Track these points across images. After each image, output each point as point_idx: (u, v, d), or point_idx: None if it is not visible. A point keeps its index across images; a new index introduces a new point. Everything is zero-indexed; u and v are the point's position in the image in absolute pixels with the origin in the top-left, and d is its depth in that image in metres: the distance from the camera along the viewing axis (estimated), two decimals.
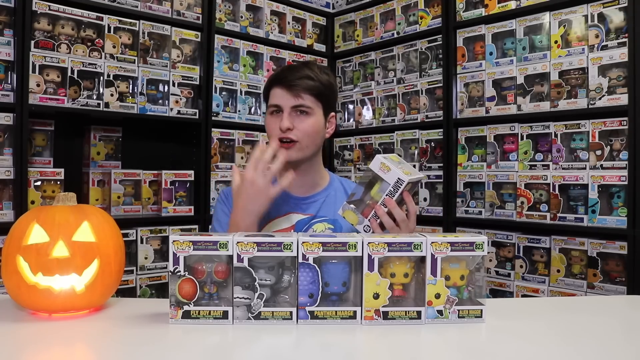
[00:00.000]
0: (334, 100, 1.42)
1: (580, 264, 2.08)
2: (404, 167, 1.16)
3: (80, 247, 1.02)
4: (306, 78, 1.33)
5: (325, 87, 1.35)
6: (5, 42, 1.87)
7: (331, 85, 1.39)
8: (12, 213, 1.87)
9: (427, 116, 2.59)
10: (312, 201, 1.40)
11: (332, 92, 1.40)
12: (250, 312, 0.96)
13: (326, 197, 1.40)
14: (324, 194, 1.41)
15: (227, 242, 0.96)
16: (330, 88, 1.38)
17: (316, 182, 1.42)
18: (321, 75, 1.36)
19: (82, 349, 0.90)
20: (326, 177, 1.45)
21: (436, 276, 0.98)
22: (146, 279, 2.22)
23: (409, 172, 1.14)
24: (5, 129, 1.88)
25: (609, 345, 0.91)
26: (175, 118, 2.31)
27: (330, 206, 1.39)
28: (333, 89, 1.40)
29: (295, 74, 1.33)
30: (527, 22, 2.25)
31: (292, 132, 1.30)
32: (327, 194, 1.41)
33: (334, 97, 1.42)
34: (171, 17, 2.32)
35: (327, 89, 1.36)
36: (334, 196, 1.40)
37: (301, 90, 1.31)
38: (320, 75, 1.35)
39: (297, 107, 1.32)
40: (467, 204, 2.43)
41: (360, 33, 2.94)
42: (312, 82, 1.33)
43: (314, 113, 1.34)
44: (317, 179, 1.42)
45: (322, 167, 1.45)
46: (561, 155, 2.13)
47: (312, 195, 1.40)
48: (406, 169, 1.15)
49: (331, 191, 1.41)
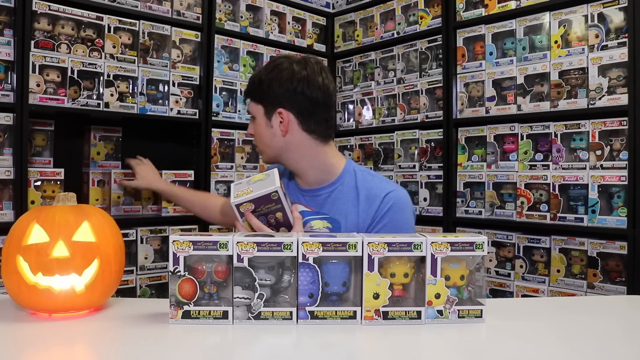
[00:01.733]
0: (274, 96, 1.30)
1: (580, 264, 2.08)
2: (253, 185, 1.18)
3: (80, 247, 1.02)
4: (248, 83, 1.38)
5: (255, 86, 1.33)
6: (5, 42, 1.87)
7: (262, 83, 1.31)
8: (12, 213, 1.87)
9: (427, 116, 2.59)
10: (315, 195, 1.36)
11: (268, 88, 1.30)
12: (250, 312, 0.96)
13: (331, 193, 1.34)
14: (328, 189, 1.34)
15: (227, 242, 0.96)
16: (262, 85, 1.31)
17: (319, 178, 1.35)
18: (259, 74, 1.34)
19: (82, 349, 0.90)
20: (334, 172, 1.35)
21: (436, 276, 0.98)
22: (146, 279, 2.22)
23: (250, 191, 1.16)
24: (5, 129, 1.88)
25: (609, 345, 0.91)
26: (175, 118, 2.31)
27: (336, 203, 1.33)
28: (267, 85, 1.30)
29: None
30: (527, 22, 2.25)
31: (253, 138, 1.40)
32: (332, 189, 1.34)
33: (273, 92, 1.30)
34: (171, 17, 2.32)
35: (258, 87, 1.32)
36: (340, 192, 1.33)
37: (245, 96, 1.42)
38: (257, 75, 1.34)
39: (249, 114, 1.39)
40: (467, 204, 2.43)
41: (360, 33, 2.94)
42: (248, 86, 1.36)
43: (256, 115, 1.35)
44: (319, 174, 1.35)
45: (328, 163, 1.35)
46: (561, 155, 2.13)
47: (315, 189, 1.36)
48: (250, 188, 1.17)
49: (338, 186, 1.34)
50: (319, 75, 1.30)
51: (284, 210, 1.18)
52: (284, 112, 1.30)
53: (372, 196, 1.30)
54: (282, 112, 1.30)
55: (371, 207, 1.29)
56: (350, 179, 1.34)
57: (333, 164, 1.36)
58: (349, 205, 1.31)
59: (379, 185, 1.32)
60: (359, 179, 1.34)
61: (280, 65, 1.30)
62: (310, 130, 1.31)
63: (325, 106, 1.32)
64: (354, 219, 1.30)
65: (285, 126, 1.30)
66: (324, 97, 1.31)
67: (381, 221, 1.28)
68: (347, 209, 1.31)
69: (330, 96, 1.33)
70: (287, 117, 1.30)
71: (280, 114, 1.30)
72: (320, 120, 1.32)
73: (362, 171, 1.37)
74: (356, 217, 1.30)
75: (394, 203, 1.29)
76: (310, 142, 1.32)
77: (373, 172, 1.40)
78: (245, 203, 1.15)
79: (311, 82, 1.29)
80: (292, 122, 1.30)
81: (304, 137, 1.32)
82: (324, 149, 1.35)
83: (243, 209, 1.16)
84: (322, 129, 1.33)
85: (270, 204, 1.16)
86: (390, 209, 1.28)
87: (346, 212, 1.31)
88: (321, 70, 1.32)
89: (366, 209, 1.30)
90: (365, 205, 1.30)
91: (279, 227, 1.21)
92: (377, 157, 2.79)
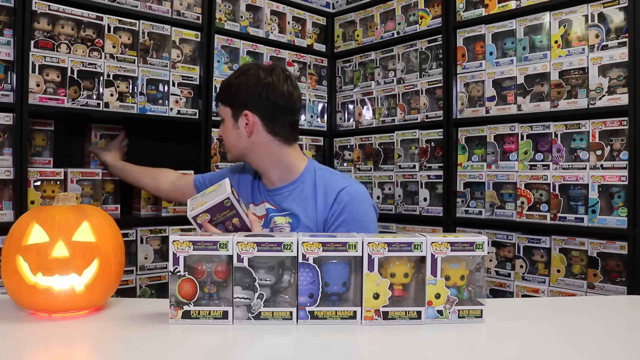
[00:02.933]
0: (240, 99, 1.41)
1: (580, 264, 2.08)
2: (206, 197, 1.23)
3: (80, 247, 1.02)
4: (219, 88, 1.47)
5: (225, 90, 1.44)
6: (5, 42, 1.87)
7: (230, 87, 1.42)
8: (12, 213, 1.87)
9: (427, 116, 2.59)
10: (278, 194, 1.45)
11: (235, 92, 1.41)
12: (250, 312, 0.96)
13: (292, 191, 1.44)
14: (290, 187, 1.44)
15: (227, 242, 0.96)
16: (230, 89, 1.42)
17: (281, 177, 1.46)
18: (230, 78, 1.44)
19: (82, 349, 0.90)
20: (296, 171, 1.46)
21: (436, 276, 0.98)
22: (146, 279, 2.22)
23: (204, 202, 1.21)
24: (5, 129, 1.88)
25: (609, 345, 0.91)
26: (175, 118, 2.31)
27: (296, 200, 1.42)
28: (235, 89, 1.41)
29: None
30: (527, 22, 2.25)
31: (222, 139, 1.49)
32: (294, 187, 1.44)
33: (239, 95, 1.41)
34: (171, 17, 2.31)
35: (227, 91, 1.43)
36: (300, 189, 1.43)
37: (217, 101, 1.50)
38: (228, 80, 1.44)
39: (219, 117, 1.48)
40: (467, 204, 2.43)
41: (360, 33, 2.94)
42: (219, 90, 1.46)
43: (225, 119, 1.46)
44: (281, 173, 1.45)
45: (291, 162, 1.46)
46: (561, 155, 2.13)
47: (278, 188, 1.46)
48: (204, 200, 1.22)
49: (299, 184, 1.44)
50: (285, 83, 1.42)
51: (239, 215, 1.22)
52: (250, 114, 1.41)
53: (329, 191, 1.40)
54: (247, 114, 1.41)
55: (327, 201, 1.38)
56: (310, 177, 1.44)
57: (295, 164, 1.46)
58: (308, 200, 1.41)
59: (336, 180, 1.42)
60: (318, 176, 1.44)
61: (248, 71, 1.42)
62: (274, 132, 1.42)
63: (288, 111, 1.43)
64: (312, 213, 1.39)
65: (250, 127, 1.41)
66: (288, 103, 1.42)
67: (340, 215, 1.37)
68: (307, 204, 1.41)
69: (294, 102, 1.44)
70: (252, 119, 1.41)
71: (246, 116, 1.41)
72: (284, 124, 1.43)
73: (321, 169, 1.48)
74: (314, 211, 1.39)
75: (350, 197, 1.38)
76: (274, 144, 1.43)
77: (332, 169, 1.51)
78: (201, 214, 1.20)
79: (276, 89, 1.40)
80: (257, 124, 1.41)
81: (269, 138, 1.42)
82: (287, 150, 1.45)
83: (200, 220, 1.21)
84: (285, 132, 1.44)
85: (225, 212, 1.20)
86: (348, 203, 1.37)
87: (305, 207, 1.40)
88: (287, 78, 1.43)
89: (323, 203, 1.39)
90: (322, 199, 1.39)
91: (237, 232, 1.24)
92: (377, 157, 2.79)
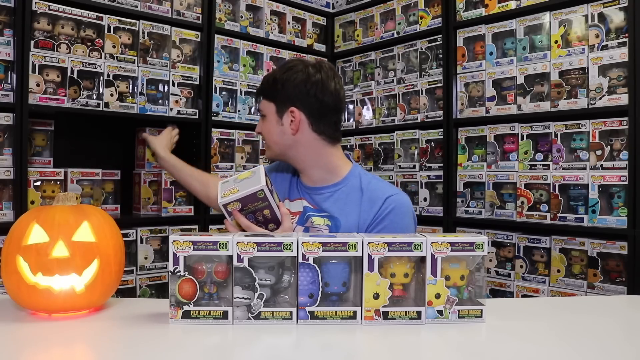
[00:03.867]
0: (286, 95, 1.36)
1: (580, 264, 2.08)
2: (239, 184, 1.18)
3: (80, 247, 1.02)
4: (262, 81, 1.42)
5: (270, 85, 1.39)
6: (5, 42, 1.87)
7: (276, 82, 1.37)
8: (12, 213, 1.87)
9: (427, 116, 2.59)
10: (319, 193, 1.40)
11: (282, 88, 1.36)
12: (250, 312, 0.96)
13: (334, 193, 1.38)
14: (332, 189, 1.38)
15: (227, 242, 0.96)
16: (275, 85, 1.37)
17: (323, 177, 1.40)
18: (273, 74, 1.40)
19: (82, 349, 0.90)
20: (341, 173, 1.40)
21: (436, 276, 0.98)
22: (146, 279, 2.22)
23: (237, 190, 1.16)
24: (5, 129, 1.88)
25: (609, 345, 0.91)
26: (175, 118, 2.31)
27: (337, 202, 1.36)
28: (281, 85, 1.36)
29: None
30: (527, 22, 2.25)
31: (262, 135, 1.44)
32: (336, 189, 1.38)
33: (286, 92, 1.36)
34: (171, 17, 2.32)
35: (272, 86, 1.38)
36: (344, 192, 1.37)
37: (257, 95, 1.43)
38: (272, 75, 1.40)
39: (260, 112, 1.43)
40: (467, 204, 2.43)
41: (360, 33, 2.94)
42: (262, 85, 1.41)
43: (267, 114, 1.40)
44: (323, 173, 1.40)
45: (334, 164, 1.40)
46: (561, 155, 2.13)
47: (319, 188, 1.40)
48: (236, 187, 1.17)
49: (342, 187, 1.38)
50: (332, 81, 1.37)
51: (271, 207, 1.19)
52: (296, 111, 1.35)
53: (375, 198, 1.34)
54: (294, 111, 1.35)
55: (372, 208, 1.33)
56: (355, 181, 1.39)
57: (339, 166, 1.41)
58: (352, 205, 1.35)
59: (383, 188, 1.37)
60: (363, 181, 1.38)
61: (295, 67, 1.37)
62: (319, 131, 1.37)
63: (335, 110, 1.39)
64: (354, 219, 1.33)
65: (296, 125, 1.36)
66: (335, 101, 1.37)
67: (381, 223, 1.31)
68: (349, 209, 1.34)
69: (340, 101, 1.40)
70: (298, 117, 1.35)
71: (292, 113, 1.35)
72: (330, 123, 1.38)
73: (367, 175, 1.42)
74: (357, 217, 1.33)
75: (395, 206, 1.33)
76: (318, 143, 1.38)
77: (379, 177, 1.46)
78: (233, 202, 1.15)
79: (325, 86, 1.35)
80: (303, 121, 1.36)
81: (313, 137, 1.37)
82: (331, 150, 1.40)
83: (231, 208, 1.16)
84: (330, 131, 1.39)
85: (257, 202, 1.17)
86: (391, 211, 1.32)
87: (347, 212, 1.34)
88: (334, 76, 1.39)
89: (367, 209, 1.33)
90: (367, 206, 1.33)
91: (267, 224, 1.22)
92: (377, 157, 2.79)
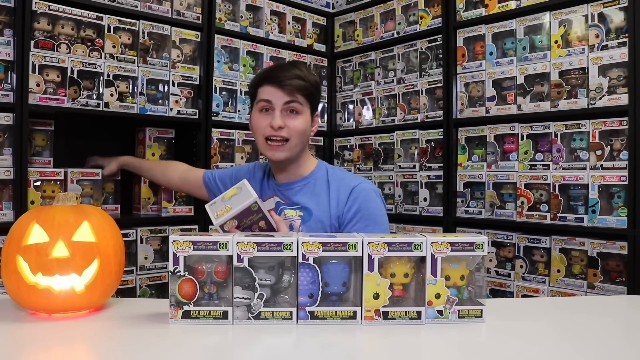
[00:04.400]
0: (319, 100, 1.50)
1: (580, 264, 2.08)
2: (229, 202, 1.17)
3: (80, 247, 1.02)
4: (297, 78, 1.39)
5: (313, 87, 1.44)
6: (5, 42, 1.87)
7: (318, 86, 1.48)
8: (12, 213, 1.87)
9: (427, 116, 2.59)
10: (289, 188, 1.47)
11: (319, 92, 1.50)
12: (250, 312, 0.96)
13: (304, 186, 1.46)
14: (301, 183, 1.47)
15: (227, 242, 0.96)
16: (317, 88, 1.48)
17: (296, 172, 1.48)
18: (309, 75, 1.44)
19: (82, 349, 0.90)
20: (310, 167, 1.50)
21: (436, 276, 0.98)
22: (146, 279, 2.22)
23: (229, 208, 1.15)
24: (5, 129, 1.88)
25: (609, 345, 0.91)
26: (175, 118, 2.31)
27: (307, 194, 1.45)
28: (319, 89, 1.50)
29: (287, 74, 1.39)
30: (527, 22, 2.25)
31: (284, 130, 1.38)
32: (305, 182, 1.47)
33: (319, 96, 1.50)
34: (171, 17, 2.31)
35: (315, 88, 1.45)
36: (312, 184, 1.46)
37: (293, 89, 1.37)
38: (309, 76, 1.43)
39: (288, 106, 1.38)
40: (467, 204, 2.43)
41: (360, 33, 2.94)
42: (302, 82, 1.40)
43: (303, 112, 1.41)
44: (298, 170, 1.48)
45: (306, 159, 1.50)
46: (561, 155, 2.13)
47: (290, 183, 1.48)
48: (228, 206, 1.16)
49: (311, 180, 1.47)
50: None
51: (265, 218, 1.21)
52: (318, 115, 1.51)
53: (342, 186, 1.43)
54: (318, 115, 1.50)
55: (340, 197, 1.42)
56: (322, 174, 1.48)
57: (308, 161, 1.51)
58: (321, 196, 1.44)
59: (348, 178, 1.47)
60: (330, 174, 1.48)
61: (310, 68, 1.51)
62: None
63: None
64: (325, 208, 1.42)
65: (316, 128, 1.49)
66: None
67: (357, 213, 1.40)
68: (319, 199, 1.44)
69: None
70: (318, 121, 1.51)
71: (317, 116, 1.49)
72: None
73: (332, 168, 1.53)
74: (327, 205, 1.42)
75: (364, 194, 1.42)
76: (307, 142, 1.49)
77: (344, 169, 1.58)
78: (229, 221, 1.16)
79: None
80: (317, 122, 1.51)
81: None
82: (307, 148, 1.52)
83: (227, 227, 1.17)
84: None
85: (252, 216, 1.18)
86: (362, 200, 1.41)
87: (318, 202, 1.43)
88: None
89: (336, 197, 1.42)
90: (335, 194, 1.43)
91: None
92: (377, 157, 2.79)
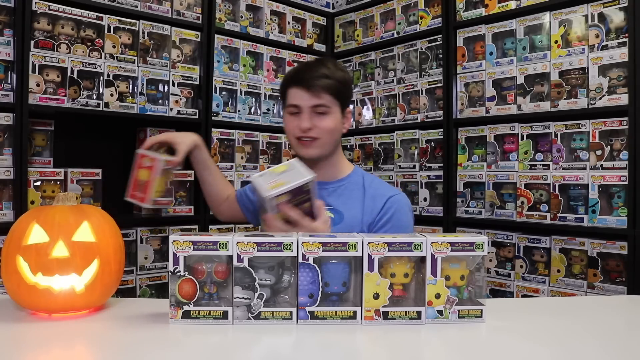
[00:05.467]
0: (349, 96, 1.46)
1: (580, 264, 2.08)
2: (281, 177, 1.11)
3: (80, 247, 1.02)
4: (323, 77, 1.36)
5: (341, 84, 1.39)
6: (5, 42, 1.87)
7: (346, 82, 1.42)
8: (12, 213, 1.87)
9: (427, 116, 2.59)
10: (323, 188, 1.43)
11: (348, 88, 1.44)
12: (250, 312, 0.96)
13: (338, 188, 1.43)
14: (335, 185, 1.44)
15: (227, 242, 0.96)
16: (346, 84, 1.42)
17: (331, 173, 1.45)
18: (337, 72, 1.39)
19: (82, 349, 0.90)
20: (345, 170, 1.47)
21: (436, 276, 0.98)
22: (146, 279, 2.22)
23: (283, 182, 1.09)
24: (5, 129, 1.88)
25: (609, 345, 0.91)
26: (175, 118, 2.31)
27: (340, 197, 1.42)
28: (348, 85, 1.44)
29: (312, 74, 1.36)
30: (527, 22, 2.25)
31: (313, 131, 1.37)
32: (339, 185, 1.44)
33: (350, 92, 1.47)
34: (171, 17, 2.32)
35: (343, 86, 1.40)
36: (347, 188, 1.43)
37: (320, 90, 1.34)
38: (336, 73, 1.39)
39: (316, 108, 1.36)
40: (467, 204, 2.43)
41: (360, 33, 2.94)
42: (329, 80, 1.36)
43: (332, 111, 1.38)
44: (333, 170, 1.45)
45: (341, 161, 1.47)
46: (561, 155, 2.13)
47: (324, 183, 1.43)
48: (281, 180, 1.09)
49: (346, 183, 1.44)
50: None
51: (312, 200, 1.14)
52: (350, 111, 1.47)
53: (378, 195, 1.40)
54: (350, 111, 1.46)
55: (375, 206, 1.39)
56: (358, 179, 1.46)
57: (343, 164, 1.49)
58: (355, 201, 1.41)
59: (386, 187, 1.46)
60: (366, 180, 1.45)
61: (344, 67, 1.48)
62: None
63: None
64: (357, 214, 1.39)
65: (349, 124, 1.45)
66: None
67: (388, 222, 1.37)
68: (352, 203, 1.41)
69: None
70: (350, 117, 1.46)
71: (349, 112, 1.45)
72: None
73: (369, 175, 1.50)
74: (360, 212, 1.39)
75: (398, 206, 1.39)
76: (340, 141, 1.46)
77: (380, 179, 1.53)
78: (282, 195, 1.08)
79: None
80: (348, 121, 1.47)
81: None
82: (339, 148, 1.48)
83: (279, 200, 1.09)
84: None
85: (302, 195, 1.11)
86: (395, 211, 1.38)
87: (350, 207, 1.40)
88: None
89: (370, 205, 1.39)
90: (370, 202, 1.39)
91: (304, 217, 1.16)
92: (377, 157, 2.79)
